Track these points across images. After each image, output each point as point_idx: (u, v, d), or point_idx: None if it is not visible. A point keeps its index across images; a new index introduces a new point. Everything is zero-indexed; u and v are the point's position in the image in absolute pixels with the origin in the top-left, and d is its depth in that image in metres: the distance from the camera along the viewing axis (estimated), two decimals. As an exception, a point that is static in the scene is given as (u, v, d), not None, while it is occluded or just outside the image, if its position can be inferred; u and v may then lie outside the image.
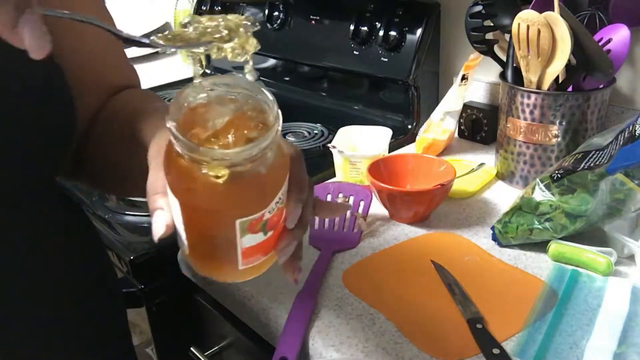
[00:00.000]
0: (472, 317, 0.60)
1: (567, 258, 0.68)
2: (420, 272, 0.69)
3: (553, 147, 0.83)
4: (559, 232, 0.69)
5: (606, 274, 0.65)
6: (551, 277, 0.66)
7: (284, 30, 1.30)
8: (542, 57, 0.77)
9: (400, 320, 0.61)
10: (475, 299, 0.63)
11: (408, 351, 0.57)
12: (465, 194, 0.86)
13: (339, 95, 1.26)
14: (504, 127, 0.87)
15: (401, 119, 1.13)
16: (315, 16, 1.24)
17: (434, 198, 0.79)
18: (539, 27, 0.74)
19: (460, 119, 1.05)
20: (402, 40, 1.07)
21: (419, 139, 1.00)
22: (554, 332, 0.57)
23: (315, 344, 0.60)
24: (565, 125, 0.81)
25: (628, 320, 0.58)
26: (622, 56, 0.78)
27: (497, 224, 0.74)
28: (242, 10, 1.42)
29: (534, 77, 0.80)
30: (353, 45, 1.14)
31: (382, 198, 0.79)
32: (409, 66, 1.06)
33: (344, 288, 0.67)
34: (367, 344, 0.58)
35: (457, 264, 0.69)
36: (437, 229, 0.79)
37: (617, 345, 0.55)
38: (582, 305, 0.61)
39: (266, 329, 0.65)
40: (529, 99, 0.81)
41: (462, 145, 1.06)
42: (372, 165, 0.82)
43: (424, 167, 0.84)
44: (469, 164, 0.93)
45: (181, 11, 1.69)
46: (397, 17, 1.08)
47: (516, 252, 0.72)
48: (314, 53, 1.23)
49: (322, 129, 1.15)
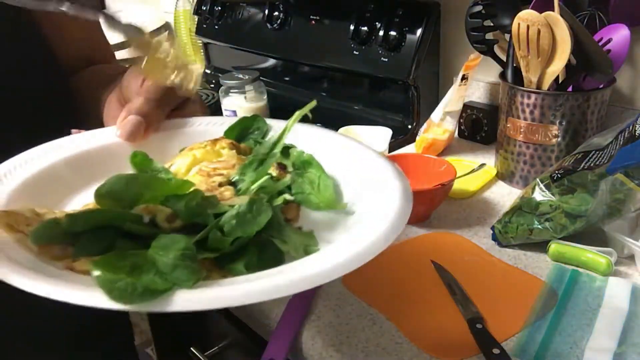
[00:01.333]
0: (472, 317, 0.60)
1: (567, 258, 0.68)
2: (420, 272, 0.69)
3: (553, 147, 0.83)
4: (559, 232, 0.69)
5: (606, 274, 0.65)
6: (551, 277, 0.66)
7: (284, 30, 1.30)
8: (542, 57, 0.77)
9: (400, 320, 0.61)
10: (475, 299, 0.63)
11: (408, 351, 0.57)
12: (466, 194, 0.86)
13: (339, 95, 1.26)
14: (504, 127, 0.87)
15: (401, 119, 1.13)
16: (315, 16, 1.24)
17: (435, 198, 0.79)
18: (539, 27, 0.74)
19: (460, 119, 1.05)
20: (402, 40, 1.07)
21: (419, 139, 1.01)
22: (554, 332, 0.57)
23: (315, 344, 0.60)
24: (565, 125, 0.81)
25: (628, 320, 0.58)
26: (622, 56, 0.78)
27: (497, 224, 0.74)
28: (242, 10, 1.42)
29: (534, 77, 0.80)
30: (353, 45, 1.14)
31: (382, 198, 0.79)
32: (409, 66, 1.06)
33: (344, 288, 0.67)
34: (367, 344, 0.58)
35: (457, 264, 0.69)
36: (437, 229, 0.79)
37: (617, 345, 0.55)
38: (582, 305, 0.61)
39: (266, 328, 0.65)
40: (529, 99, 0.81)
41: (462, 145, 1.06)
42: (372, 165, 0.82)
43: (424, 167, 0.84)
44: (469, 164, 0.93)
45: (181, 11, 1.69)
46: (397, 17, 1.08)
47: (516, 252, 0.72)
48: (314, 53, 1.23)
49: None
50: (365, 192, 0.44)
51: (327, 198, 0.45)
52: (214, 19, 1.48)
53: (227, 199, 0.41)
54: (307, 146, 0.51)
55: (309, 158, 0.48)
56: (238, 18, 1.43)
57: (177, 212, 0.37)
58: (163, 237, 0.35)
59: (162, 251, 0.34)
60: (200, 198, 0.39)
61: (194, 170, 0.46)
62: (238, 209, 0.38)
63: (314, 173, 0.47)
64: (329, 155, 0.50)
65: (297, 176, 0.47)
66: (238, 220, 0.37)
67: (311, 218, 0.45)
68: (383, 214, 0.39)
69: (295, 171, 0.48)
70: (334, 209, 0.45)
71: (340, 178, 0.48)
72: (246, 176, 0.45)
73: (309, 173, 0.47)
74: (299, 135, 0.51)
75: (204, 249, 0.36)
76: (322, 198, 0.45)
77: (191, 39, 1.70)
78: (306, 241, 0.40)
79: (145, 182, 0.39)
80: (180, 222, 0.38)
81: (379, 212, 0.40)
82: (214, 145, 0.49)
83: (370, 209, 0.42)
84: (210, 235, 0.37)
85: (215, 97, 1.39)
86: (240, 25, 1.42)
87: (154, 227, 0.37)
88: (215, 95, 1.39)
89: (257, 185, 0.43)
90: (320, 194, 0.45)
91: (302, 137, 0.52)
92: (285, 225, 0.41)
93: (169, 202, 0.38)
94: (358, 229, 0.40)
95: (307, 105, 0.49)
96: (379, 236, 0.37)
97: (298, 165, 0.48)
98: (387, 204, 0.40)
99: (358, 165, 0.48)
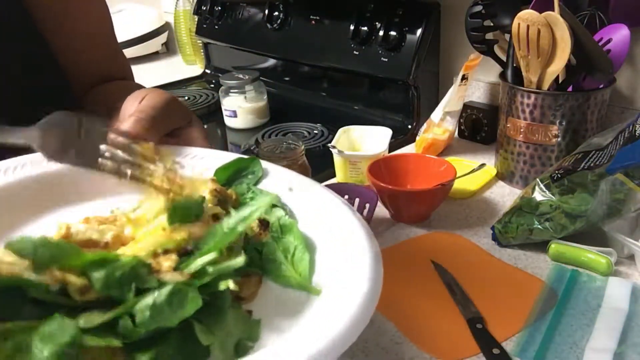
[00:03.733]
0: (472, 317, 0.60)
1: (567, 258, 0.68)
2: (420, 272, 0.69)
3: (553, 147, 0.83)
4: (559, 232, 0.69)
5: (606, 274, 0.65)
6: (551, 277, 0.66)
7: (284, 30, 1.30)
8: (542, 57, 0.77)
9: (400, 320, 0.61)
10: (475, 299, 0.63)
11: (408, 351, 0.57)
12: (466, 194, 0.86)
13: (339, 95, 1.26)
14: (504, 127, 0.87)
15: (401, 119, 1.13)
16: (315, 16, 1.24)
17: (435, 198, 0.79)
18: (539, 27, 0.74)
19: (460, 119, 1.05)
20: (402, 40, 1.07)
21: (419, 139, 1.01)
22: (554, 332, 0.57)
23: (316, 344, 0.60)
24: (565, 125, 0.81)
25: (628, 320, 0.58)
26: (622, 56, 0.78)
27: (497, 224, 0.74)
28: (242, 10, 1.42)
29: (534, 77, 0.80)
30: (353, 45, 1.14)
31: (383, 198, 0.79)
32: (409, 66, 1.06)
33: (344, 288, 0.67)
34: (367, 344, 0.58)
35: (457, 264, 0.69)
36: (437, 229, 0.79)
37: (617, 345, 0.55)
38: (582, 305, 0.61)
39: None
40: (529, 99, 0.81)
41: (462, 145, 1.06)
42: (372, 165, 0.82)
43: (424, 167, 0.84)
44: (469, 164, 0.93)
45: (181, 11, 1.69)
46: (397, 17, 1.08)
47: (516, 252, 0.72)
48: (314, 53, 1.23)
49: (322, 129, 1.15)
50: (334, 268, 0.38)
51: (299, 274, 0.39)
52: (214, 19, 1.48)
53: (163, 271, 0.34)
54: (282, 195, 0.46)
55: (291, 224, 0.42)
56: (238, 18, 1.43)
57: (94, 282, 0.31)
58: (54, 320, 0.29)
59: (42, 343, 0.28)
60: (130, 269, 0.32)
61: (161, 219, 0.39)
62: (155, 298, 0.31)
63: (291, 242, 0.41)
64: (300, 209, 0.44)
65: (272, 241, 0.41)
66: (152, 312, 0.30)
67: (273, 296, 0.38)
68: (347, 307, 0.33)
69: (272, 233, 0.42)
70: (304, 289, 0.38)
71: (315, 246, 0.42)
72: (205, 245, 0.37)
73: (286, 240, 0.41)
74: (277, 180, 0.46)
75: (112, 333, 0.30)
76: (294, 273, 0.39)
77: (191, 39, 1.70)
78: (246, 333, 0.34)
79: (57, 250, 0.32)
80: (95, 294, 0.32)
81: (342, 302, 0.34)
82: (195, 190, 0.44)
83: (336, 293, 0.35)
84: (121, 322, 0.31)
85: (215, 97, 1.39)
86: (240, 25, 1.42)
87: (65, 295, 0.31)
88: (215, 95, 1.39)
89: (200, 263, 0.34)
90: (293, 267, 0.40)
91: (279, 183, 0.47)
92: (228, 308, 0.34)
93: (90, 267, 0.32)
94: (311, 323, 0.34)
95: (272, 198, 0.44)
96: (329, 342, 0.32)
97: (276, 229, 0.42)
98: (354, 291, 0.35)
99: (332, 230, 0.42)
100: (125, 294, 0.31)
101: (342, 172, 0.89)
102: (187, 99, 1.42)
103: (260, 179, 0.48)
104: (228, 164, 0.49)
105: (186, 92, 1.47)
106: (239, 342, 0.33)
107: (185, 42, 1.73)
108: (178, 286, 0.32)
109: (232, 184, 0.48)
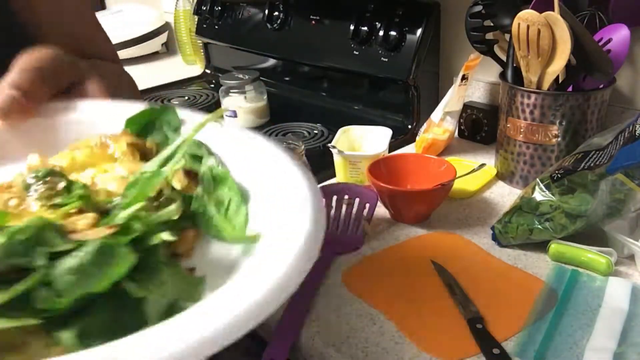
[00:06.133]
0: (472, 317, 0.60)
1: (567, 258, 0.68)
2: (420, 272, 0.69)
3: (553, 147, 0.83)
4: (559, 232, 0.69)
5: (606, 274, 0.65)
6: (551, 277, 0.66)
7: (284, 30, 1.30)
8: (542, 57, 0.77)
9: (400, 320, 0.61)
10: (475, 299, 0.63)
11: (408, 351, 0.57)
12: (466, 194, 0.86)
13: (339, 95, 1.26)
14: (504, 127, 0.87)
15: (401, 119, 1.13)
16: (315, 16, 1.24)
17: (435, 198, 0.79)
18: (539, 27, 0.74)
19: (460, 119, 1.05)
20: (402, 40, 1.07)
21: (419, 139, 1.01)
22: (554, 332, 0.57)
23: (315, 344, 0.60)
24: (565, 125, 0.81)
25: (628, 320, 0.58)
26: (622, 56, 0.78)
27: (497, 224, 0.74)
28: (242, 10, 1.42)
29: (534, 77, 0.80)
30: (353, 45, 1.14)
31: (383, 198, 0.79)
32: (409, 66, 1.06)
33: (344, 288, 0.67)
34: (367, 344, 0.58)
35: (457, 264, 0.69)
36: (437, 229, 0.79)
37: (617, 345, 0.55)
38: (582, 305, 0.61)
39: (265, 328, 0.65)
40: (529, 99, 0.81)
41: (462, 145, 1.06)
42: (372, 165, 0.82)
43: (424, 167, 0.84)
44: (469, 164, 0.93)
45: (181, 11, 1.69)
46: (397, 17, 1.08)
47: (516, 252, 0.72)
48: (314, 53, 1.23)
49: (322, 129, 1.15)
50: (273, 216, 0.34)
51: (235, 227, 0.35)
52: (214, 19, 1.48)
53: (79, 231, 0.29)
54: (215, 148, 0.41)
55: (224, 174, 0.38)
56: (238, 18, 1.43)
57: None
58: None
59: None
60: (35, 231, 0.27)
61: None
62: (80, 257, 0.26)
63: (225, 193, 0.37)
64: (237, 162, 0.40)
65: (202, 193, 0.37)
66: (77, 276, 0.26)
67: (212, 251, 0.35)
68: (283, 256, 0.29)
69: (202, 186, 0.38)
70: (240, 242, 0.34)
71: (249, 194, 0.37)
72: (128, 198, 0.33)
73: (219, 192, 0.37)
74: (208, 137, 0.41)
75: (28, 310, 0.25)
76: (229, 226, 0.35)
77: (191, 39, 1.70)
78: (186, 293, 0.30)
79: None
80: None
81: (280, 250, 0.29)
82: (106, 147, 0.39)
83: (274, 242, 0.31)
84: (34, 294, 0.26)
85: (215, 97, 1.39)
86: (240, 25, 1.42)
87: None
88: (215, 95, 1.39)
89: (125, 214, 0.30)
90: (228, 220, 0.35)
91: (212, 138, 0.41)
92: (166, 265, 0.30)
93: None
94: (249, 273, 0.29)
95: (216, 112, 0.39)
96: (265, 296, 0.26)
97: (207, 180, 0.38)
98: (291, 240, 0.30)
99: (269, 176, 0.37)
100: (37, 260, 0.26)
101: (342, 172, 0.89)
102: (187, 99, 1.42)
103: (178, 130, 0.43)
104: (138, 115, 0.43)
105: (186, 92, 1.47)
106: (175, 302, 0.29)
107: (185, 42, 1.73)
108: (105, 241, 0.27)
109: (147, 136, 0.43)
